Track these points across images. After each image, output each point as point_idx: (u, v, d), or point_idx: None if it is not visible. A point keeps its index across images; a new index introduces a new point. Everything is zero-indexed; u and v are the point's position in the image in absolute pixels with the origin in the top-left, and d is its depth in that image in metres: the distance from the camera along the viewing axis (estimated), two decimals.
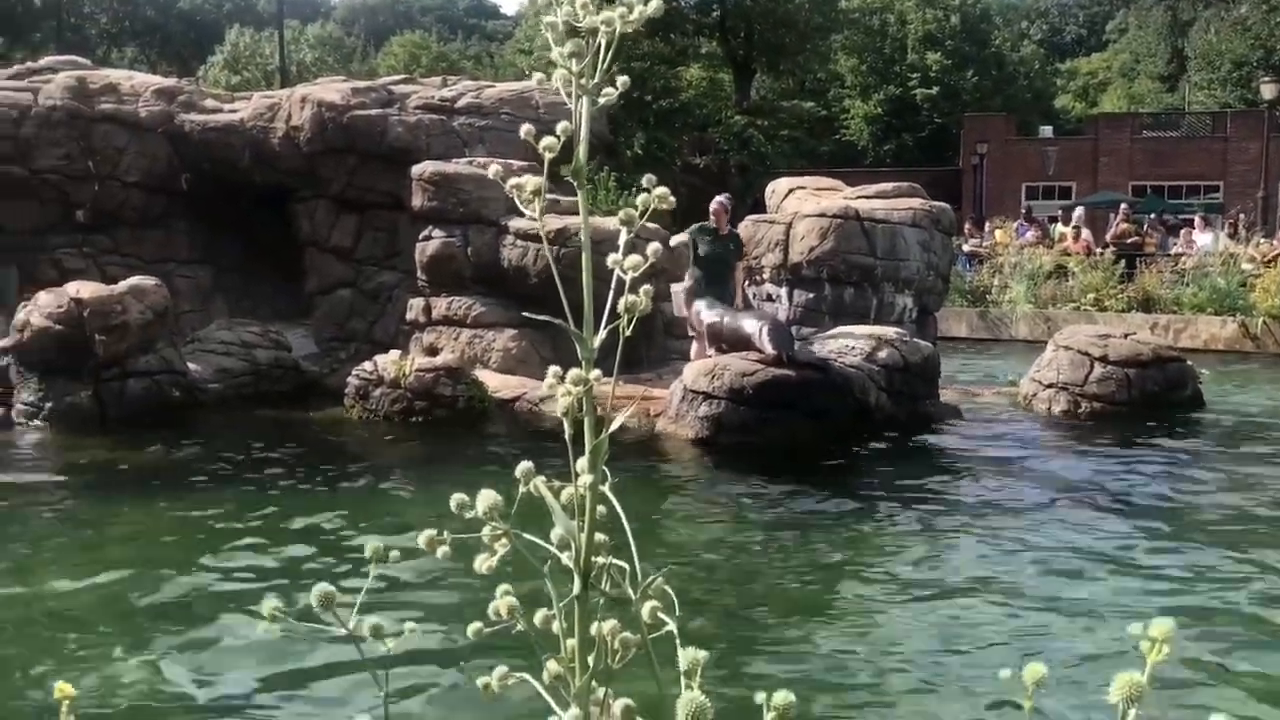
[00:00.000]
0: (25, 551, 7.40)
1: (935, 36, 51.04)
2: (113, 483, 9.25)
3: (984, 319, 20.38)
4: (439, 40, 62.75)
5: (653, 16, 1.52)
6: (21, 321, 11.37)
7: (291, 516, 8.01)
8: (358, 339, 14.03)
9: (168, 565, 6.89)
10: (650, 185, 1.55)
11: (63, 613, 6.10)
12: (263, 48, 51.47)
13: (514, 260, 12.75)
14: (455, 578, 6.06)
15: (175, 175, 15.07)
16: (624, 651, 1.54)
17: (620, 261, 1.52)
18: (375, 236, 14.31)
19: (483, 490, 1.43)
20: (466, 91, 15.39)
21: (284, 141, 14.35)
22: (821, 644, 5.61)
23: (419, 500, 8.57)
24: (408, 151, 13.91)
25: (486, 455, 10.22)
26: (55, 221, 14.86)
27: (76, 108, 14.89)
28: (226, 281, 15.57)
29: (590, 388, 1.54)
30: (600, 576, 1.54)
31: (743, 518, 8.22)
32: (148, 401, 11.35)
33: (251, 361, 12.80)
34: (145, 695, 4.95)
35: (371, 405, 11.55)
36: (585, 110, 1.52)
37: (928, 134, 51.04)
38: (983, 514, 8.19)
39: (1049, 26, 72.41)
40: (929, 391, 11.52)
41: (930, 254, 13.94)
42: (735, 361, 10.43)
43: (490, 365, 12.65)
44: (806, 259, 13.58)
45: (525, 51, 45.01)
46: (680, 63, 42.33)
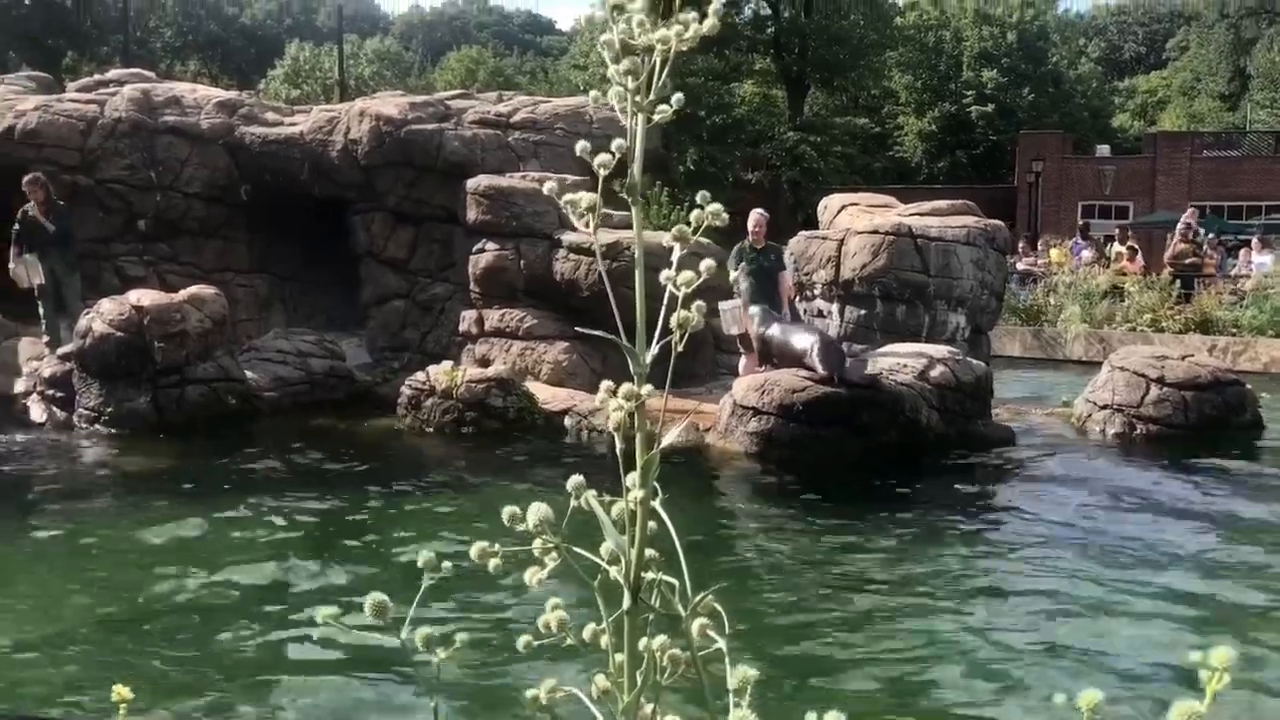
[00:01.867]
0: (80, 554, 7.54)
1: (991, 54, 50.67)
2: (169, 488, 9.40)
3: (1038, 338, 20.14)
4: (495, 55, 63.31)
5: (708, 34, 1.54)
6: (84, 328, 11.61)
7: (343, 525, 8.10)
8: (411, 349, 14.16)
9: (221, 570, 6.99)
10: (704, 201, 1.56)
11: (116, 615, 6.20)
12: (322, 62, 52.27)
13: (566, 274, 12.82)
14: (506, 589, 6.09)
15: (235, 186, 15.31)
16: (673, 668, 1.55)
17: (673, 277, 1.54)
18: (430, 249, 14.46)
19: (533, 503, 1.44)
20: (522, 107, 15.51)
21: (342, 154, 14.54)
22: (871, 662, 5.57)
23: (469, 511, 8.62)
24: (463, 165, 14.05)
25: (536, 467, 10.27)
26: (118, 230, 15.16)
27: (141, 119, 15.19)
28: (284, 291, 15.79)
29: (642, 403, 1.55)
30: (650, 592, 1.55)
31: (791, 534, 8.18)
32: (205, 408, 11.53)
33: (307, 370, 12.96)
34: (192, 699, 5.02)
35: (423, 415, 11.65)
36: (640, 127, 1.54)
37: (982, 151, 50.64)
38: (1034, 535, 8.09)
39: (1107, 44, 71.63)
40: (981, 411, 11.40)
41: (984, 272, 13.80)
42: (785, 377, 10.39)
43: (541, 377, 12.71)
44: (858, 275, 13.50)
45: (580, 67, 45.28)
46: (734, 79, 42.38)
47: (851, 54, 42.34)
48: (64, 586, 6.75)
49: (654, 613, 1.52)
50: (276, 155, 14.97)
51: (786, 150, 40.10)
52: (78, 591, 6.66)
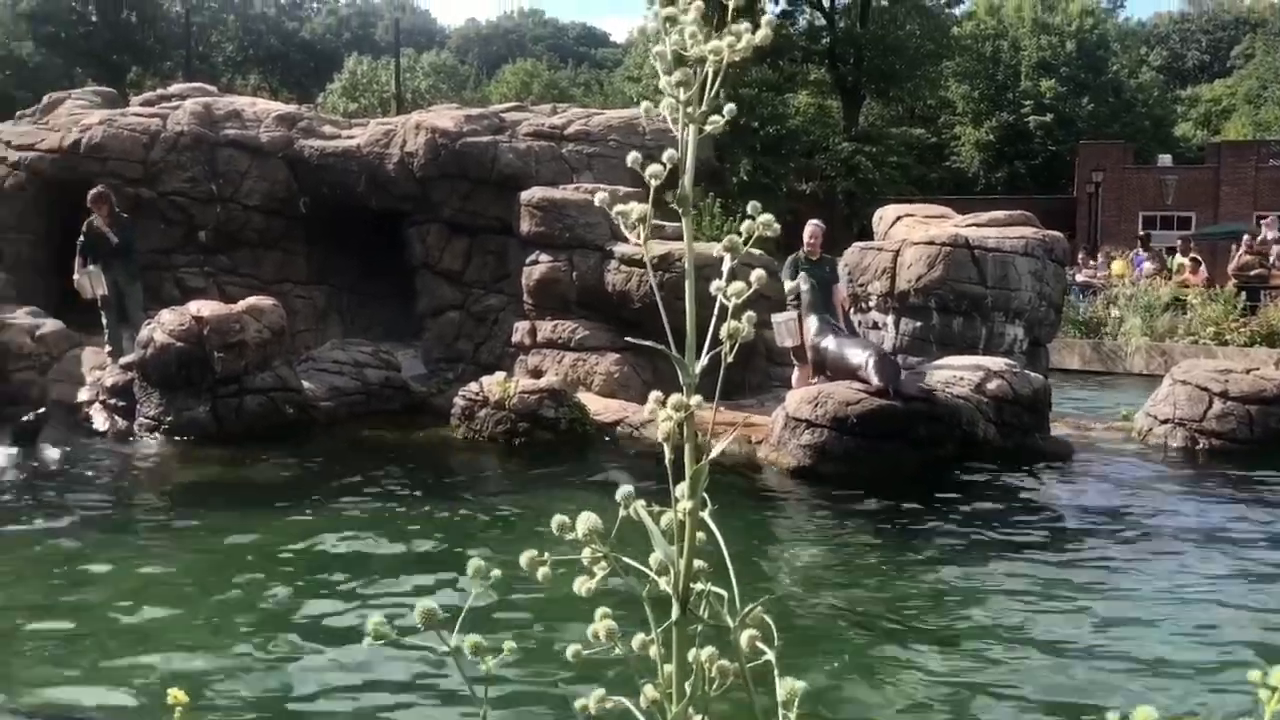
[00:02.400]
0: (138, 560, 7.66)
1: (1049, 63, 50.10)
2: (226, 496, 9.53)
3: (1097, 351, 19.85)
4: (550, 68, 63.73)
5: (760, 45, 1.53)
6: (146, 338, 11.82)
7: (396, 532, 8.16)
8: (465, 360, 14.26)
9: (276, 577, 7.07)
10: (755, 212, 1.56)
11: (171, 620, 6.30)
12: (379, 75, 52.92)
13: (618, 285, 12.85)
14: (556, 598, 6.10)
15: (294, 198, 15.54)
16: (721, 679, 1.53)
17: (723, 288, 1.53)
18: (484, 260, 14.56)
19: (582, 513, 1.44)
20: (575, 119, 15.59)
21: (398, 167, 14.70)
22: (922, 678, 5.50)
23: (519, 521, 8.65)
24: (517, 177, 14.14)
25: (587, 478, 10.28)
26: (179, 242, 15.44)
27: (202, 133, 15.47)
28: (341, 302, 15.99)
29: (691, 413, 1.54)
30: (698, 603, 1.54)
31: (843, 547, 8.11)
32: (263, 417, 11.68)
33: (363, 381, 13.09)
34: (244, 705, 5.08)
35: (476, 426, 11.71)
36: (691, 138, 1.53)
37: (1041, 161, 50.04)
38: (1092, 550, 7.95)
39: (1169, 52, 70.54)
40: (1039, 424, 11.25)
41: (1042, 284, 13.63)
42: (839, 390, 10.32)
43: (593, 388, 12.74)
44: (914, 287, 13.38)
45: (634, 79, 45.43)
46: (788, 89, 42.27)
47: (907, 64, 42.08)
48: (121, 589, 6.86)
49: (702, 623, 1.52)
50: (334, 168, 15.18)
51: (841, 161, 39.91)
52: (136, 596, 6.76)
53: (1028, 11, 51.98)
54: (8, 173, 15.47)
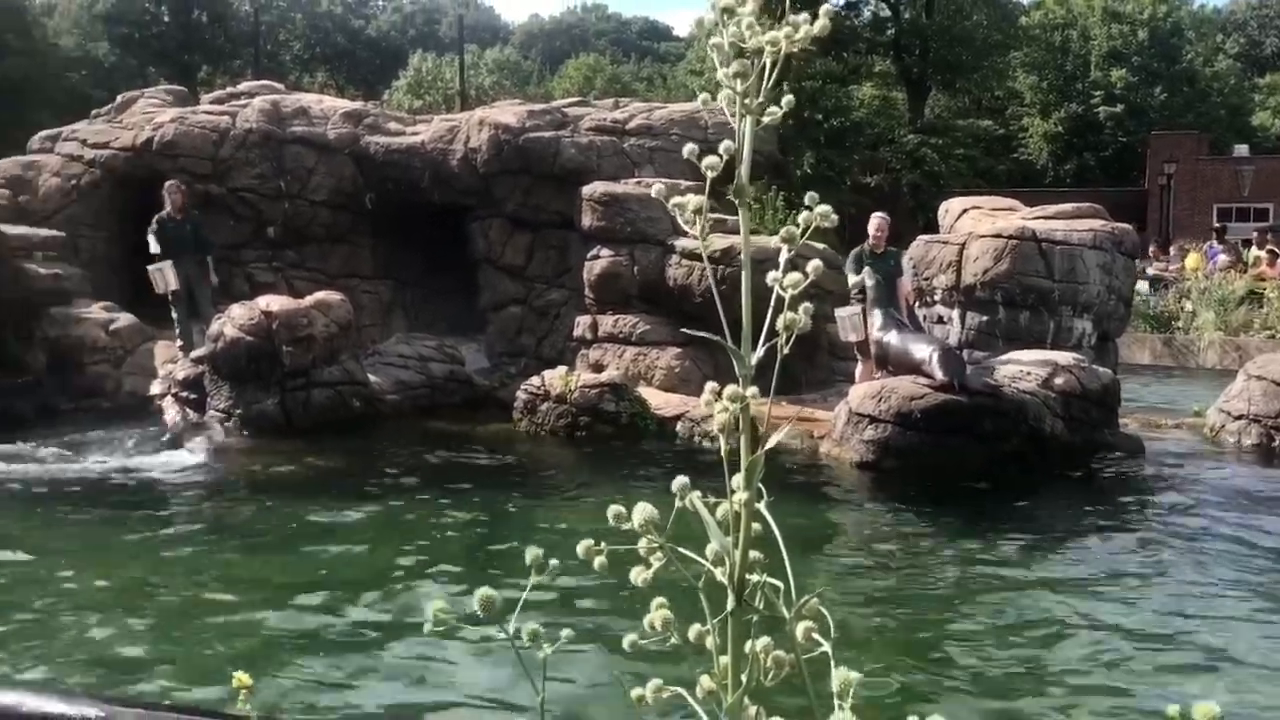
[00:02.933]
0: (208, 550, 7.82)
1: (1121, 52, 49.09)
2: (295, 488, 9.69)
3: (1169, 346, 19.44)
4: (613, 62, 63.81)
5: (819, 36, 1.52)
6: (216, 332, 12.04)
7: (458, 523, 8.25)
8: (527, 354, 14.36)
9: (337, 566, 7.19)
10: (813, 202, 1.55)
11: (236, 606, 6.42)
12: (443, 72, 53.37)
13: (679, 279, 12.84)
14: (613, 589, 6.13)
15: (360, 194, 15.73)
16: (776, 670, 1.53)
17: (780, 279, 1.52)
18: (546, 255, 14.64)
19: (639, 503, 1.45)
20: (637, 113, 15.61)
21: (462, 162, 14.83)
22: (982, 669, 5.44)
23: (579, 512, 8.69)
24: (579, 172, 14.19)
25: (647, 471, 10.30)
26: (248, 237, 15.71)
27: (270, 130, 15.73)
28: (405, 297, 16.17)
29: (747, 405, 1.54)
30: (754, 594, 1.54)
31: (905, 542, 8.05)
32: (330, 410, 11.85)
33: (427, 375, 13.23)
34: (304, 689, 5.17)
35: (538, 419, 11.79)
36: (749, 130, 1.53)
37: (1111, 153, 49.09)
38: (1159, 546, 7.81)
39: (1246, 39, 68.74)
40: (1108, 420, 11.05)
41: (1112, 277, 13.38)
42: (903, 384, 10.23)
43: (653, 383, 12.75)
44: (980, 280, 13.21)
45: (696, 73, 45.35)
46: (852, 81, 41.88)
47: (974, 55, 41.50)
48: (193, 579, 7.01)
49: (758, 614, 1.52)
50: (399, 164, 15.34)
51: (906, 153, 39.48)
52: (208, 584, 6.91)
53: (1098, 0, 50.99)
54: (84, 170, 15.86)
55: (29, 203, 15.62)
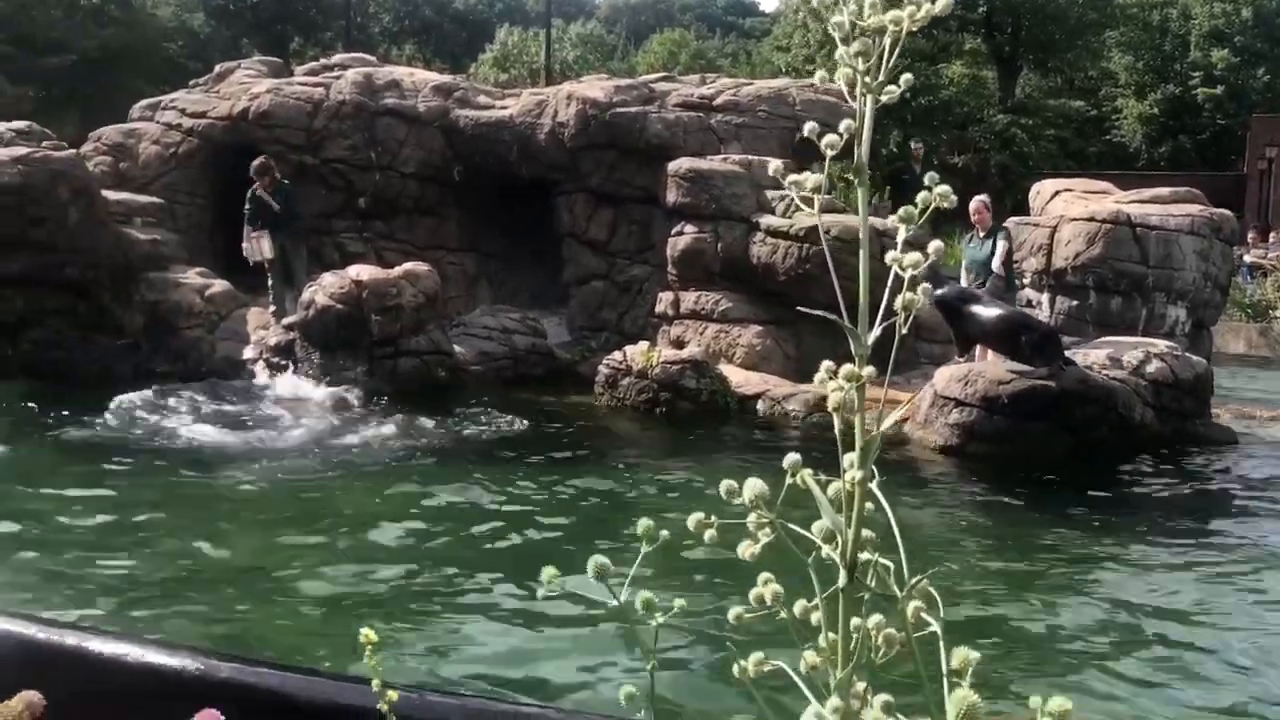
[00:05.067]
0: (293, 515, 8.02)
1: (1223, 32, 47.49)
2: (381, 453, 9.88)
3: (1265, 336, 18.91)
4: (698, 38, 63.44)
5: (940, 15, 1.52)
6: (308, 300, 12.30)
7: (544, 494, 8.35)
8: (608, 329, 14.42)
9: (431, 535, 7.33)
10: (933, 182, 1.55)
11: (324, 578, 6.59)
12: (529, 46, 53.52)
13: (763, 257, 12.79)
14: (716, 563, 6.17)
15: (448, 167, 15.89)
16: (886, 648, 1.55)
17: (899, 258, 1.53)
18: (629, 230, 14.67)
19: (749, 479, 1.47)
20: (724, 89, 15.53)
21: (549, 137, 14.90)
22: (1072, 654, 5.40)
23: (666, 488, 8.75)
24: (665, 148, 14.18)
25: (728, 448, 10.32)
26: (339, 208, 15.96)
27: (363, 102, 15.94)
28: (490, 269, 16.33)
29: (863, 384, 1.56)
30: (866, 572, 1.55)
31: (991, 529, 7.98)
32: (417, 379, 12.05)
33: (510, 346, 13.37)
34: (412, 655, 5.30)
35: (619, 394, 11.86)
36: (870, 109, 1.54)
37: (1209, 136, 47.61)
38: (1248, 543, 7.64)
39: None
40: (1200, 410, 10.81)
41: (1208, 264, 13.06)
42: (990, 368, 10.11)
43: (734, 361, 12.74)
44: (1071, 265, 12.98)
45: (783, 49, 44.88)
46: (942, 59, 41.18)
47: (1068, 33, 40.53)
48: (303, 540, 7.21)
49: (870, 592, 1.53)
50: (487, 138, 15.46)
51: (996, 134, 38.75)
52: (307, 546, 7.10)
53: None
54: (182, 139, 16.23)
55: (129, 169, 16.04)
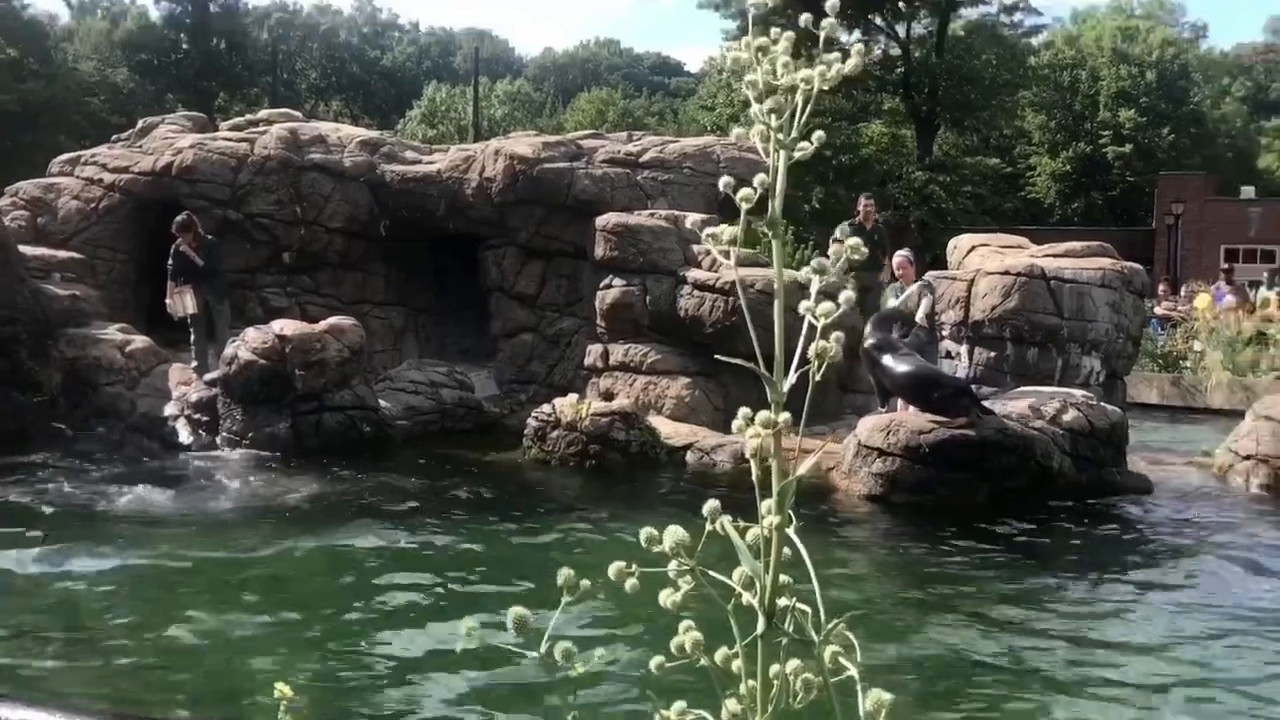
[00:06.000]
0: (217, 574, 7.86)
1: (1129, 93, 49.35)
2: (303, 510, 9.73)
3: (1176, 385, 19.44)
4: (625, 96, 64.19)
5: (851, 75, 1.59)
6: (230, 355, 12.13)
7: (470, 549, 8.28)
8: (537, 382, 14.43)
9: (353, 593, 7.22)
10: (844, 235, 1.63)
11: (246, 631, 6.46)
12: (456, 103, 53.75)
13: (690, 310, 12.91)
14: (630, 615, 6.16)
15: (375, 221, 15.85)
16: (805, 693, 1.57)
17: (812, 308, 1.58)
18: (558, 283, 14.74)
19: (670, 526, 1.50)
20: (650, 146, 15.74)
21: (477, 192, 14.96)
22: (990, 707, 5.47)
23: (593, 539, 8.72)
24: (593, 203, 14.31)
25: (658, 499, 10.34)
26: (264, 262, 15.81)
27: (288, 157, 15.87)
28: (417, 323, 16.26)
29: (779, 430, 1.60)
30: (784, 617, 1.58)
31: (915, 578, 8.07)
32: (341, 434, 11.92)
33: (438, 400, 13.30)
34: (331, 707, 5.21)
35: (548, 447, 11.83)
36: (783, 165, 1.60)
37: (1119, 193, 49.27)
38: (1166, 590, 7.82)
39: (1253, 83, 69.04)
40: (1116, 459, 11.08)
41: (1120, 316, 13.45)
42: (911, 418, 10.28)
43: (663, 412, 12.80)
44: (989, 317, 13.29)
45: (708, 108, 45.58)
46: (861, 118, 42.14)
47: (983, 94, 41.75)
48: (204, 598, 7.05)
49: (788, 637, 1.56)
50: (414, 192, 15.47)
51: (915, 190, 39.66)
52: (200, 604, 6.95)
53: (1107, 41, 51.34)
54: (104, 194, 16.00)
55: (48, 224, 15.76)
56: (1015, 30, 44.92)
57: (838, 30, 1.64)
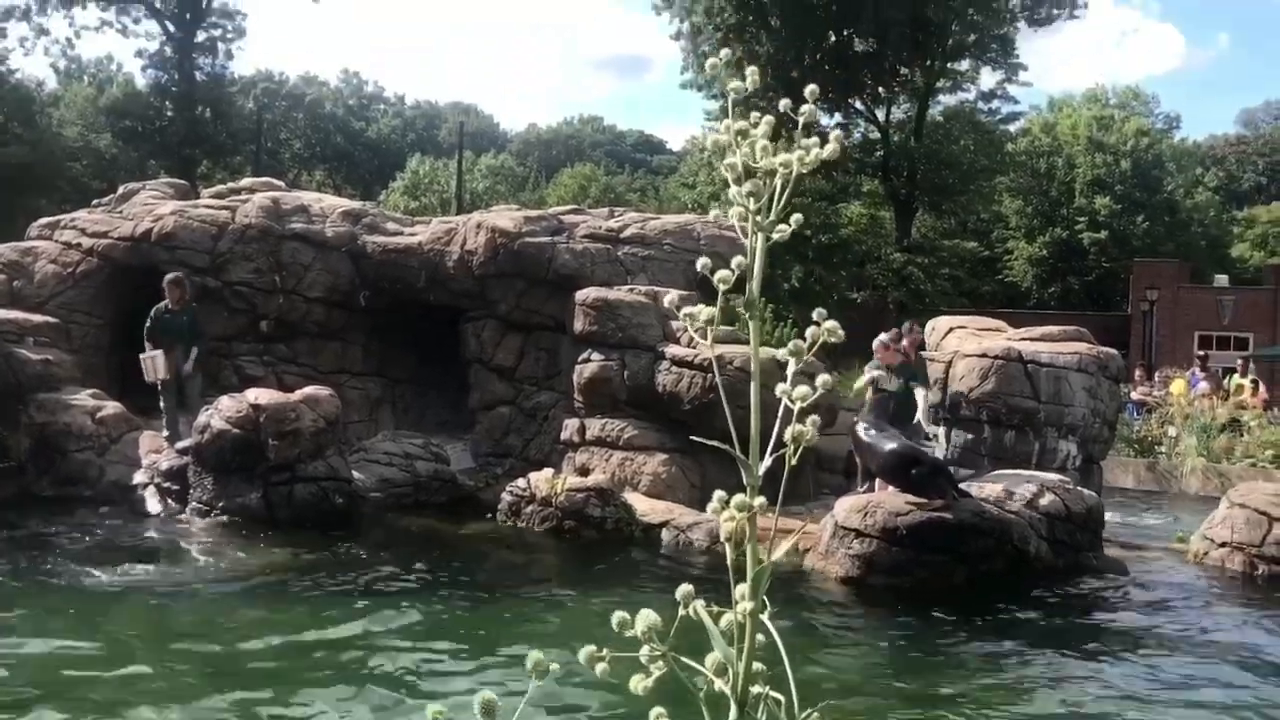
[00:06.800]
0: (181, 644, 7.70)
1: (1104, 181, 50.28)
2: (274, 583, 9.57)
3: (1152, 471, 19.51)
4: (607, 173, 64.89)
5: (829, 160, 1.60)
6: (203, 424, 12.01)
7: (438, 626, 8.14)
8: (514, 455, 14.34)
9: (320, 667, 7.07)
10: (821, 318, 1.60)
11: (209, 701, 6.30)
12: (439, 176, 54.19)
13: (668, 386, 12.91)
14: (602, 694, 6.05)
15: (355, 292, 15.86)
16: None
17: (788, 391, 1.57)
18: (537, 357, 14.73)
19: (642, 610, 1.47)
20: (632, 223, 15.86)
21: (458, 264, 15.00)
22: None
23: (564, 619, 8.60)
24: (573, 277, 14.37)
25: (632, 578, 10.22)
26: (241, 330, 15.77)
27: (269, 226, 15.91)
28: (395, 393, 16.20)
29: (754, 514, 1.57)
30: (757, 705, 1.54)
31: (889, 659, 7.98)
32: (313, 506, 11.76)
33: (412, 473, 13.19)
34: None
35: (522, 521, 11.73)
36: (760, 246, 1.59)
37: (1095, 278, 49.93)
38: (1141, 676, 7.75)
39: (1225, 174, 70.47)
40: (1092, 543, 11.05)
41: (1096, 400, 13.52)
42: (889, 499, 10.24)
43: (639, 488, 12.72)
44: (966, 399, 13.33)
45: (689, 186, 46.11)
46: (841, 200, 42.68)
47: (961, 178, 42.41)
48: (161, 668, 6.89)
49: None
50: (395, 263, 15.51)
51: (893, 271, 40.07)
52: (169, 675, 6.79)
53: (1082, 130, 52.39)
54: (81, 258, 15.97)
55: (24, 288, 15.70)
56: (993, 117, 45.80)
57: (818, 114, 1.65)
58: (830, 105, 42.18)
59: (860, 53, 41.79)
